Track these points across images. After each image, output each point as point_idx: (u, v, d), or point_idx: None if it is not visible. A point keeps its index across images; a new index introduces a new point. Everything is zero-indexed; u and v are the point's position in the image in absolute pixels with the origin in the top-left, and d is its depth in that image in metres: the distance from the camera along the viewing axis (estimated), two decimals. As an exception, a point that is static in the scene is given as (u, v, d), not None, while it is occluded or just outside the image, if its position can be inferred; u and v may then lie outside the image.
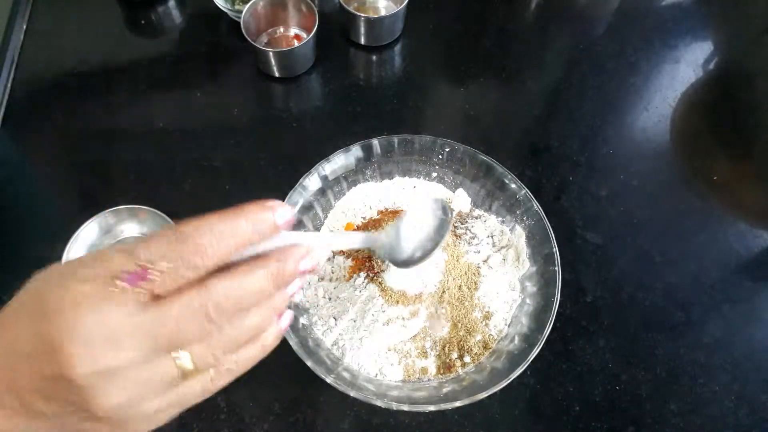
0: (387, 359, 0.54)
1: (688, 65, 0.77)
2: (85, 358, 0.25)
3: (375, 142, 0.59)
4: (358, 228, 0.60)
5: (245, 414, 0.55)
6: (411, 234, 0.45)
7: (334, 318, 0.55)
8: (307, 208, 0.58)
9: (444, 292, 0.55)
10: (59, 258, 0.57)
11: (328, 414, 0.55)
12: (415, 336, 0.55)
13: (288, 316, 0.32)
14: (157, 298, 0.26)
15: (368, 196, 0.62)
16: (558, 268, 0.52)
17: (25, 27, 0.76)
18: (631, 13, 0.81)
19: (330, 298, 0.56)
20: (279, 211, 0.29)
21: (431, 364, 0.54)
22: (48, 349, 0.25)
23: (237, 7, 0.74)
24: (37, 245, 0.61)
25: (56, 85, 0.73)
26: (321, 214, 0.61)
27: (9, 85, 0.71)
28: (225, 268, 0.28)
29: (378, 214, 0.62)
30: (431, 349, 0.54)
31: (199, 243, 0.27)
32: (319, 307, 0.56)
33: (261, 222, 0.28)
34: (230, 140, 0.69)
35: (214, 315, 0.27)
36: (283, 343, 0.48)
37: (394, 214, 0.61)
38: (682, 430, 0.56)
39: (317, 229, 0.61)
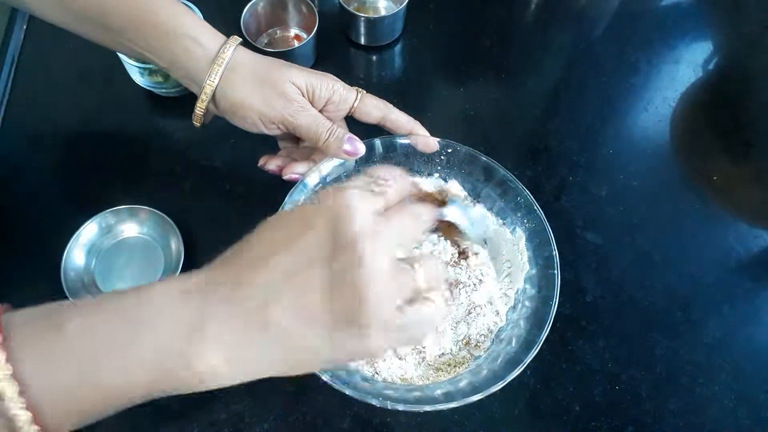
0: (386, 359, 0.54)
1: (688, 65, 0.77)
2: (369, 241, 0.32)
3: (377, 141, 0.58)
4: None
5: (245, 414, 0.55)
6: None
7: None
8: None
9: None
10: (59, 259, 0.57)
11: (328, 414, 0.55)
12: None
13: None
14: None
15: (368, 196, 0.62)
16: (557, 271, 0.52)
17: (25, 27, 0.76)
18: (631, 13, 0.81)
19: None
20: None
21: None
22: (344, 240, 0.32)
23: (157, 80, 0.66)
24: (37, 245, 0.61)
25: (56, 85, 0.73)
26: (321, 214, 0.61)
27: (9, 85, 0.71)
28: None
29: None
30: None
31: (401, 175, 0.39)
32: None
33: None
34: (230, 140, 0.69)
35: (416, 218, 0.38)
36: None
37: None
38: (682, 429, 0.56)
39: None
